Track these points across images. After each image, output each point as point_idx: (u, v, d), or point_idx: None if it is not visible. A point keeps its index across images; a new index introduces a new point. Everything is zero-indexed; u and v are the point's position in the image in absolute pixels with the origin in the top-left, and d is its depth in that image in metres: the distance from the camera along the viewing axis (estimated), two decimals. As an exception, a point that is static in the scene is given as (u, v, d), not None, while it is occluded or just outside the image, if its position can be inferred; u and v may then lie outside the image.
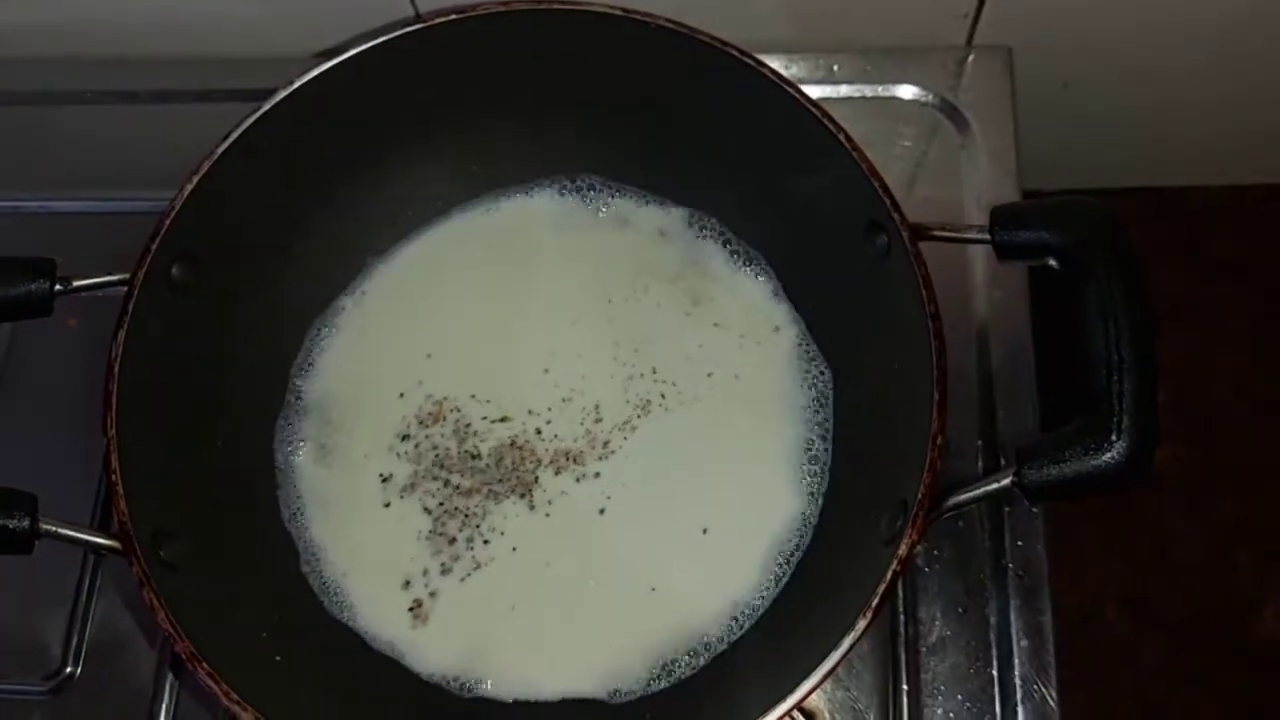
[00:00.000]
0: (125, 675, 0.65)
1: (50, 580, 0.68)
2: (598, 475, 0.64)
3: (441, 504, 0.64)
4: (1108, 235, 0.52)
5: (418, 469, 0.65)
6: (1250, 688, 0.90)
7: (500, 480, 0.64)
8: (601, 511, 0.63)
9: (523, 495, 0.64)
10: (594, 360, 0.67)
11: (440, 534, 0.63)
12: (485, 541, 0.63)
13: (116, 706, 0.65)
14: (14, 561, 0.54)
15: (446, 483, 0.64)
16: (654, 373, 0.66)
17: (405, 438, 0.65)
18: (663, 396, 0.65)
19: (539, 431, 0.65)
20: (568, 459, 0.64)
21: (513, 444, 0.65)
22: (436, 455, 0.65)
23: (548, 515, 0.63)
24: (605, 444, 0.65)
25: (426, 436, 0.65)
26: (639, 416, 0.65)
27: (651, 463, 0.64)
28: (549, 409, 0.66)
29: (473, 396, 0.66)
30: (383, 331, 0.68)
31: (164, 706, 0.64)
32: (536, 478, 0.64)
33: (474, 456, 0.65)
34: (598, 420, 0.65)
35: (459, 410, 0.66)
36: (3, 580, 0.67)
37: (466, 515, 0.64)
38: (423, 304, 0.68)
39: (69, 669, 0.66)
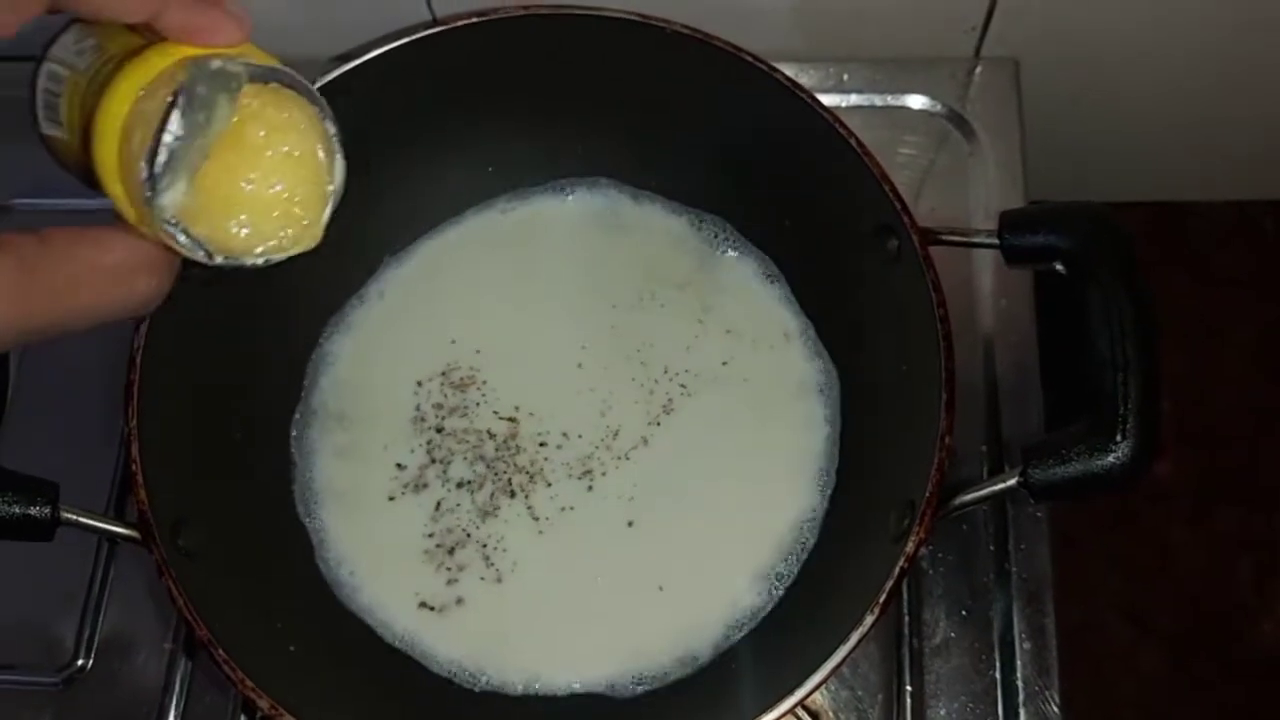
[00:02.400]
0: (137, 668, 0.66)
1: (63, 573, 0.68)
2: (608, 475, 0.65)
3: (455, 503, 0.65)
4: (1113, 240, 0.53)
5: (430, 466, 0.65)
6: (1250, 699, 0.90)
7: (511, 480, 0.65)
8: (611, 512, 0.64)
9: (530, 496, 0.65)
10: (605, 366, 0.67)
11: (452, 529, 0.64)
12: (497, 538, 0.64)
13: (128, 699, 0.65)
14: (27, 554, 0.55)
15: (459, 482, 0.65)
16: (665, 378, 0.67)
17: (418, 435, 0.66)
18: (674, 399, 0.66)
19: (550, 434, 0.66)
20: (580, 461, 0.65)
21: (523, 447, 0.66)
22: (449, 454, 0.66)
23: (560, 512, 0.64)
24: (617, 446, 0.65)
25: (439, 435, 0.66)
26: (649, 422, 0.66)
27: (662, 465, 0.65)
28: (562, 413, 0.66)
29: (485, 398, 0.67)
30: (396, 330, 0.69)
31: (174, 699, 0.65)
32: (547, 480, 0.65)
33: (486, 457, 0.66)
34: (609, 424, 0.66)
35: (471, 411, 0.67)
36: (16, 573, 0.67)
37: (478, 513, 0.64)
38: (437, 304, 0.69)
39: (81, 661, 0.66)
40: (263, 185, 0.36)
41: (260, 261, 0.37)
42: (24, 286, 0.31)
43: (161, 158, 0.33)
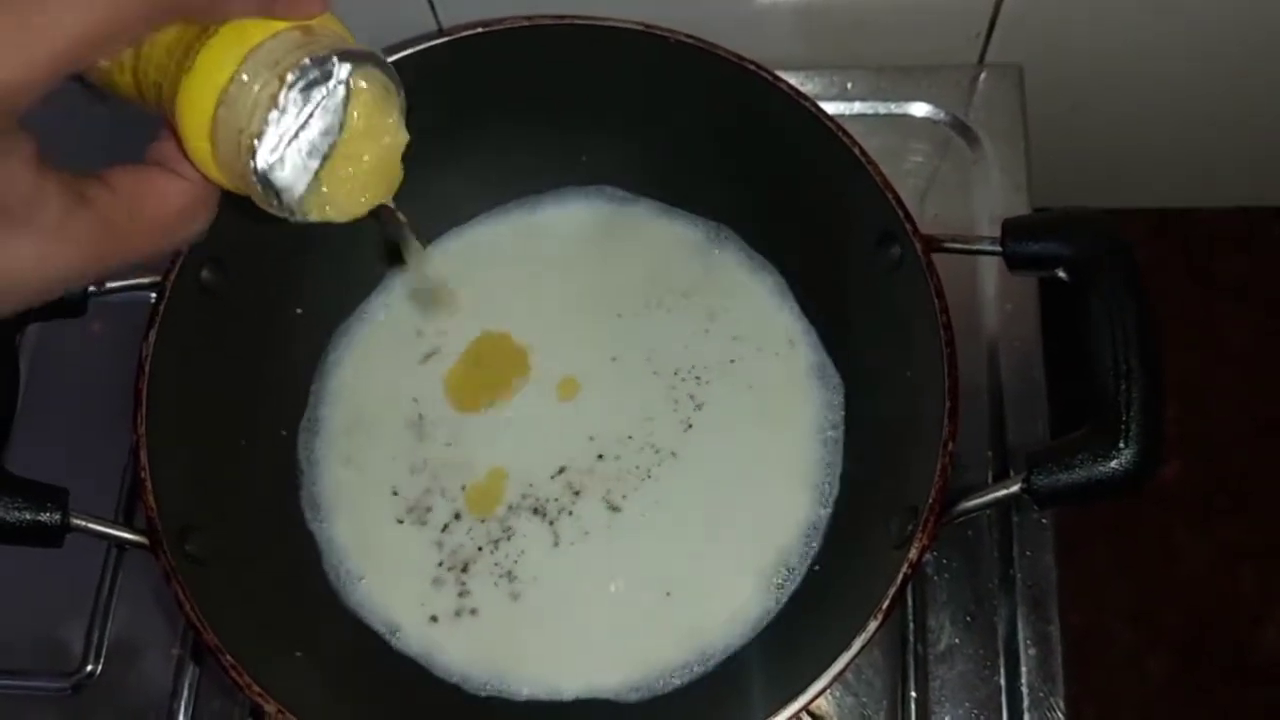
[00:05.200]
0: (145, 673, 0.67)
1: (72, 579, 0.69)
2: (615, 486, 0.65)
3: (459, 514, 0.65)
4: (1115, 247, 0.53)
5: (436, 476, 0.66)
6: (1255, 703, 0.90)
7: (518, 489, 0.65)
8: (621, 518, 0.64)
9: (538, 509, 0.65)
10: (611, 373, 0.68)
11: (463, 544, 0.64)
12: (507, 551, 0.64)
13: (136, 704, 0.66)
14: (37, 560, 0.55)
15: (464, 495, 0.65)
16: (671, 385, 0.67)
17: (424, 446, 0.66)
18: (685, 409, 0.66)
19: (555, 446, 0.66)
20: (587, 473, 0.65)
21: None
22: (456, 464, 0.66)
23: (572, 526, 0.64)
24: (625, 457, 0.65)
25: (446, 447, 0.66)
26: (655, 430, 0.66)
27: (669, 472, 0.65)
28: (566, 425, 0.67)
29: (491, 409, 0.67)
30: (401, 340, 0.69)
31: (182, 704, 0.66)
32: (554, 491, 0.65)
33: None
34: (614, 435, 0.66)
35: (478, 420, 0.67)
36: (25, 579, 0.68)
37: (485, 524, 0.65)
38: (443, 313, 0.69)
39: (90, 666, 0.67)
40: (359, 167, 0.40)
41: (331, 220, 0.41)
42: (102, 238, 0.34)
43: (281, 144, 0.37)
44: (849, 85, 0.77)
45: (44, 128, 0.33)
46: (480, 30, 0.62)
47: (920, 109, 0.77)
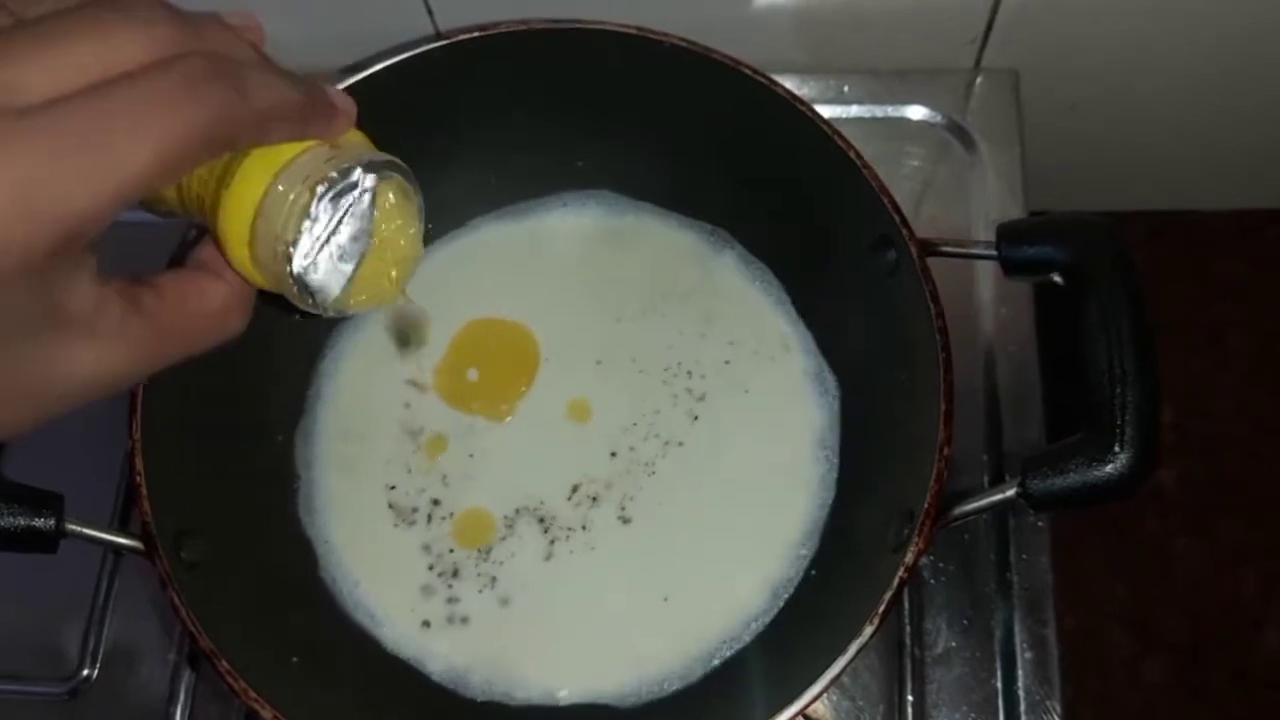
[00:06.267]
0: (141, 678, 0.67)
1: (68, 585, 0.69)
2: (612, 489, 0.65)
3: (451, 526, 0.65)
4: (1110, 251, 0.53)
5: (432, 482, 0.66)
6: (1254, 707, 0.90)
7: (514, 499, 0.65)
8: (620, 523, 0.64)
9: (539, 513, 0.65)
10: (607, 376, 0.67)
11: (456, 544, 0.64)
12: (502, 552, 0.64)
13: (133, 709, 0.66)
14: (33, 565, 0.55)
15: (463, 501, 0.65)
16: (665, 381, 0.67)
17: (420, 451, 0.66)
18: (679, 401, 0.66)
19: (553, 453, 0.66)
20: (584, 479, 0.65)
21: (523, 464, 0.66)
22: (452, 470, 0.66)
23: (564, 531, 0.64)
24: (621, 459, 0.66)
25: (443, 452, 0.66)
26: (651, 434, 0.66)
27: (665, 478, 0.65)
28: (563, 429, 0.66)
29: (486, 413, 0.67)
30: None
31: (179, 709, 0.65)
32: (565, 507, 0.65)
33: (489, 476, 0.66)
34: (615, 439, 0.66)
35: (479, 427, 0.67)
36: (22, 584, 0.68)
37: (483, 529, 0.65)
38: (441, 316, 0.69)
39: (86, 672, 0.67)
40: (382, 266, 0.44)
41: (357, 312, 0.46)
42: (152, 339, 0.36)
43: (314, 250, 0.40)
44: (845, 89, 0.77)
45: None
46: (476, 34, 0.62)
47: (917, 113, 0.77)
